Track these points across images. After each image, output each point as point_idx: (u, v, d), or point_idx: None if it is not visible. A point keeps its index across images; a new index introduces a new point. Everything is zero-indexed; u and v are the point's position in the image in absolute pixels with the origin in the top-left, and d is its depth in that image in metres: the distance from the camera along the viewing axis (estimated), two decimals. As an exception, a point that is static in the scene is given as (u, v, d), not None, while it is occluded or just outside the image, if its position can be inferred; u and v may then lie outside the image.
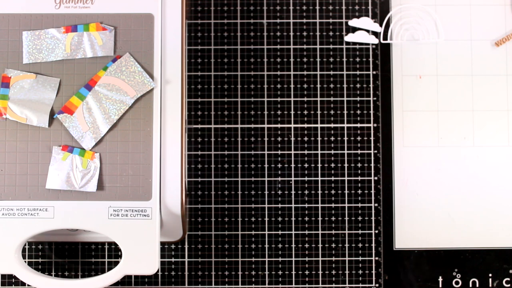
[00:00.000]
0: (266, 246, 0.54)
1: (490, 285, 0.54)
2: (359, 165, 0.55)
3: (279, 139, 0.55)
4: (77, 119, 0.48)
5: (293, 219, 0.55)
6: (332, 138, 0.55)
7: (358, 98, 0.55)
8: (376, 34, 0.56)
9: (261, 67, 0.55)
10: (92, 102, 0.48)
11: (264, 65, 0.55)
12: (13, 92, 0.48)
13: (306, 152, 0.55)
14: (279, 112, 0.55)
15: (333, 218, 0.55)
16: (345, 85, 0.55)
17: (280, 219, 0.55)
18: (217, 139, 0.55)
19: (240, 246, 0.54)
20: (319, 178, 0.55)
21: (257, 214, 0.55)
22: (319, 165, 0.55)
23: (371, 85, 0.55)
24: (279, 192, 0.55)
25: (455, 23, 0.56)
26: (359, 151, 0.55)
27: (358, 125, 0.55)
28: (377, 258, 0.54)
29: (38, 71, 0.49)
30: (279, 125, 0.55)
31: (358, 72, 0.55)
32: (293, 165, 0.55)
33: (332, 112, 0.55)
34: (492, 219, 0.54)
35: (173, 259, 0.54)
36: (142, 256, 0.47)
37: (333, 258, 0.54)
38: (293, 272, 0.54)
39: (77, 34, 0.49)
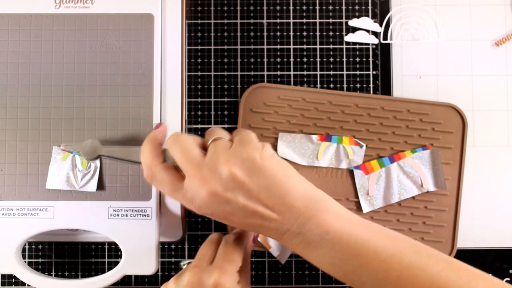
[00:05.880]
0: (266, 246, 0.54)
1: (490, 285, 0.54)
2: (359, 165, 0.55)
3: (279, 139, 0.55)
4: (369, 180, 0.52)
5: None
6: (332, 138, 0.55)
7: (358, 98, 0.55)
8: (376, 34, 0.56)
9: (261, 67, 0.55)
10: (389, 172, 0.52)
11: (264, 65, 0.55)
12: None
13: (306, 152, 0.55)
14: (279, 112, 0.55)
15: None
16: (345, 85, 0.55)
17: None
18: (217, 139, 0.55)
19: (240, 246, 0.54)
20: (319, 178, 0.55)
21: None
22: (319, 165, 0.55)
23: (371, 85, 0.55)
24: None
25: (455, 23, 0.56)
26: (359, 151, 0.55)
27: (358, 125, 0.55)
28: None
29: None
30: (279, 125, 0.55)
31: (358, 72, 0.55)
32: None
33: (332, 112, 0.55)
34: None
35: (173, 259, 0.54)
36: (141, 256, 0.47)
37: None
38: (293, 272, 0.54)
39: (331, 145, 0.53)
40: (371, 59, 0.55)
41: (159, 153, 0.42)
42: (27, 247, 0.54)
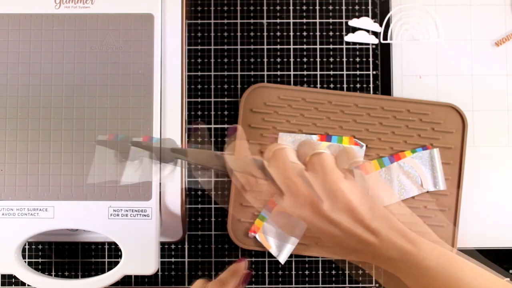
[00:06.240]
0: (266, 246, 0.54)
1: (490, 285, 0.54)
2: (359, 165, 0.55)
3: (279, 139, 0.55)
4: (368, 179, 0.52)
5: (293, 219, 0.54)
6: (332, 138, 0.55)
7: (358, 98, 0.55)
8: (376, 34, 0.56)
9: (261, 67, 0.55)
10: (389, 172, 0.52)
11: (264, 65, 0.55)
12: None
13: (306, 152, 0.55)
14: (279, 112, 0.55)
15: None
16: (345, 85, 0.55)
17: (280, 219, 0.55)
18: (217, 139, 0.55)
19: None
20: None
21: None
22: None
23: (371, 85, 0.55)
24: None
25: (455, 23, 0.56)
26: (359, 151, 0.55)
27: (358, 125, 0.55)
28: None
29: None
30: (279, 125, 0.55)
31: (358, 72, 0.55)
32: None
33: (332, 112, 0.55)
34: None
35: (173, 259, 0.54)
36: (141, 256, 0.47)
37: (333, 258, 0.54)
38: (293, 272, 0.54)
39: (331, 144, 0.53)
40: (371, 59, 0.55)
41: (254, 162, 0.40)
42: (27, 247, 0.54)
